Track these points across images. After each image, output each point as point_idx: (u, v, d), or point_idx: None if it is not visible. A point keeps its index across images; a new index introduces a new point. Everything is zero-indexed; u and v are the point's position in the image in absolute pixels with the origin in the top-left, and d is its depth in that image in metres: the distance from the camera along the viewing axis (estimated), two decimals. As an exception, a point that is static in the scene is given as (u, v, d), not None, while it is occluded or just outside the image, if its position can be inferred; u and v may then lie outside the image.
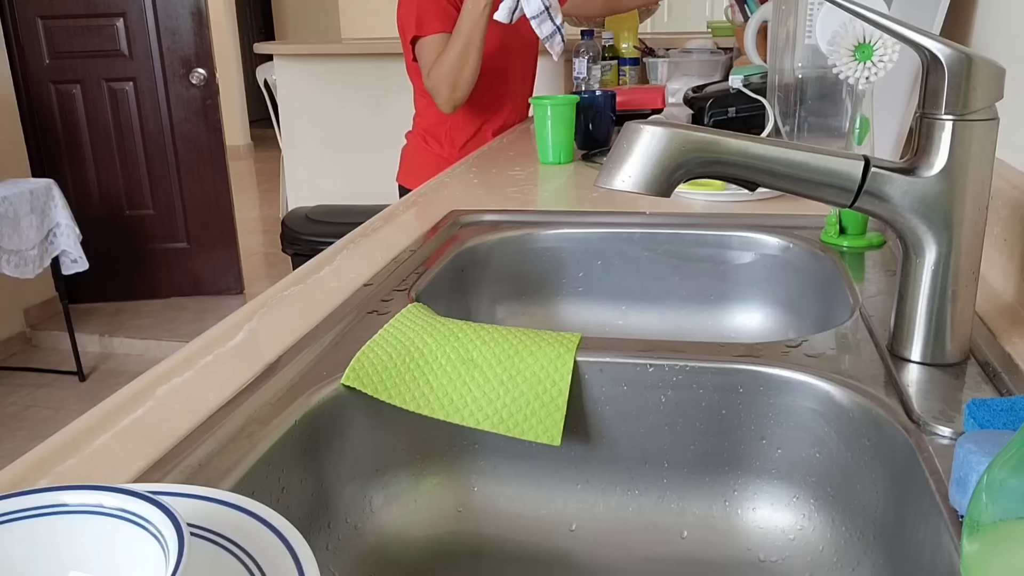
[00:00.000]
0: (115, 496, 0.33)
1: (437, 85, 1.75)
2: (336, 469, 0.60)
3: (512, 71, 1.93)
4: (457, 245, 0.95)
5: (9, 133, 3.45)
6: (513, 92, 1.96)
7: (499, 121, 1.95)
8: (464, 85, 1.73)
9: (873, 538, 0.55)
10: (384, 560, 0.61)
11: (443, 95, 1.76)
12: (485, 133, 1.94)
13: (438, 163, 1.85)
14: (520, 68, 1.97)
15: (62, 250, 2.92)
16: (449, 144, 1.93)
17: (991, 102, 0.53)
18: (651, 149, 0.53)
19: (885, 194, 0.55)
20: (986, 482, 0.29)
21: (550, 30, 1.63)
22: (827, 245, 0.88)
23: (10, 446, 2.69)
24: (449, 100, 1.76)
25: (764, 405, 0.61)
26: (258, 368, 0.61)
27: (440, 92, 1.76)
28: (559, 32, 1.65)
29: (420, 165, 1.94)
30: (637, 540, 0.63)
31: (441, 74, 1.73)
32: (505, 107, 1.95)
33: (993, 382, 0.56)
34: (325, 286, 0.80)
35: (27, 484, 0.47)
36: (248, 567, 0.34)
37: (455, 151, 1.92)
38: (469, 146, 1.91)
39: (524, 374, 0.61)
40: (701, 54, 2.22)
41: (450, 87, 1.73)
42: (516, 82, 1.96)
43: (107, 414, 0.56)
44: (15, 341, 3.46)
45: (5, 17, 3.44)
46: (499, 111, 1.94)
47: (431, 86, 1.77)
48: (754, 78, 1.45)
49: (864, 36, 0.73)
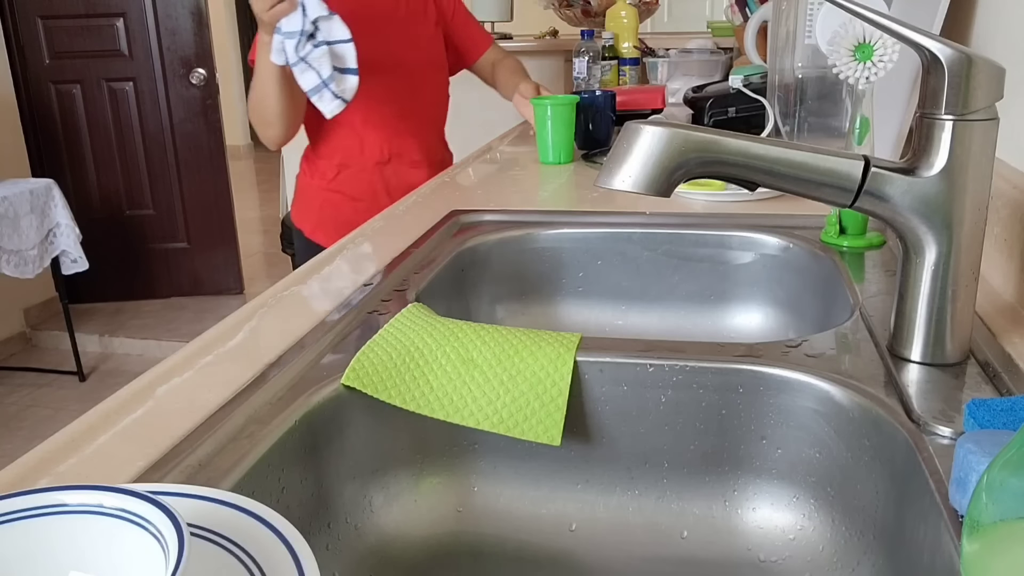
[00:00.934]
0: (115, 496, 0.33)
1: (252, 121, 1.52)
2: (336, 469, 0.60)
3: (384, 94, 1.57)
4: (457, 245, 0.95)
5: (9, 133, 3.45)
6: (397, 116, 1.61)
7: (381, 150, 1.61)
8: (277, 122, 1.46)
9: (873, 538, 0.55)
10: (384, 560, 0.61)
11: (260, 131, 1.52)
12: (363, 164, 1.62)
13: (317, 195, 1.65)
14: (401, 90, 1.60)
15: (62, 250, 2.92)
16: (320, 175, 1.65)
17: (991, 102, 0.53)
18: (651, 149, 0.53)
19: (885, 194, 0.55)
20: (986, 482, 0.29)
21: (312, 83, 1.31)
22: (827, 245, 0.88)
23: (10, 446, 2.69)
24: (266, 137, 1.52)
25: (764, 405, 0.61)
26: (258, 368, 0.61)
27: (257, 128, 1.52)
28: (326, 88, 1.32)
29: (301, 193, 1.71)
30: (637, 540, 0.63)
31: (251, 111, 1.51)
32: (384, 134, 1.60)
33: (993, 382, 0.56)
34: (325, 286, 0.80)
35: (27, 484, 0.47)
36: (248, 567, 0.34)
37: (324, 183, 1.64)
38: (344, 179, 1.62)
39: (524, 374, 0.61)
40: (701, 54, 2.22)
41: (260, 123, 1.49)
42: (397, 104, 1.60)
43: (107, 414, 0.56)
44: (15, 341, 3.46)
45: (5, 17, 3.44)
46: (374, 141, 1.60)
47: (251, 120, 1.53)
48: (754, 78, 1.45)
49: (864, 36, 0.73)
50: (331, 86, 1.31)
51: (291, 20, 1.27)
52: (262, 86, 1.42)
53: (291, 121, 1.50)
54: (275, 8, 1.26)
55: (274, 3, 1.26)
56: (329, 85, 1.31)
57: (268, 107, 1.43)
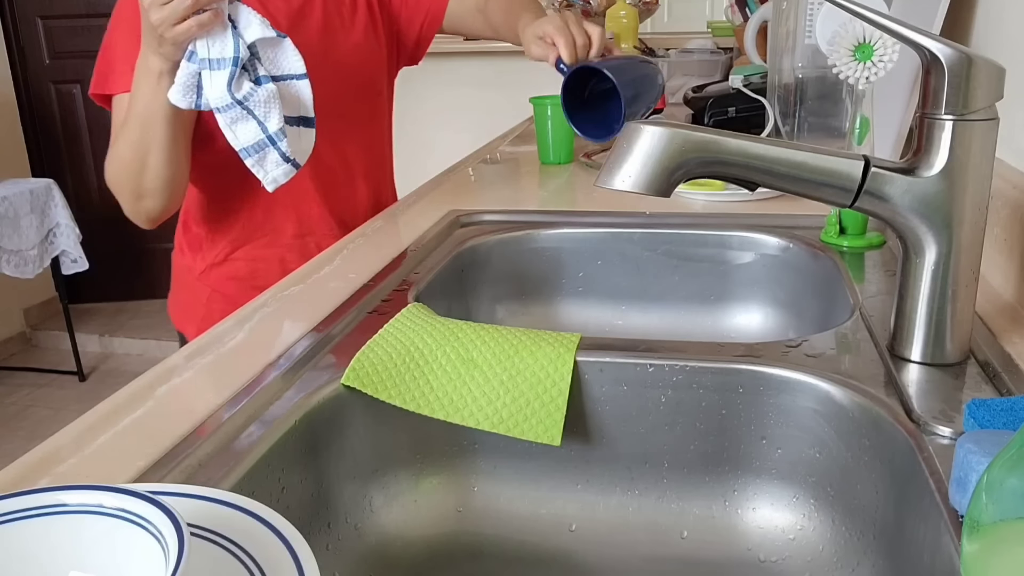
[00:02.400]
0: (115, 496, 0.33)
1: (115, 187, 1.02)
2: (336, 469, 0.60)
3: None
4: (457, 245, 0.95)
5: (9, 133, 3.46)
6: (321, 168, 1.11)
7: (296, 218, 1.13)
8: (160, 192, 1.00)
9: (873, 538, 0.55)
10: (384, 560, 0.61)
11: (126, 204, 1.03)
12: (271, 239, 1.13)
13: (203, 285, 1.15)
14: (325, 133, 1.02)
15: (62, 250, 2.93)
16: (205, 255, 1.15)
17: (991, 102, 0.53)
18: (651, 149, 0.53)
19: (885, 194, 0.55)
20: (986, 482, 0.29)
21: (251, 139, 0.90)
22: (827, 245, 0.88)
23: (10, 446, 2.69)
24: (137, 212, 1.03)
25: (764, 405, 0.61)
26: (258, 368, 0.61)
27: (122, 197, 1.02)
28: (273, 146, 0.90)
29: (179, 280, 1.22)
30: (637, 540, 0.63)
31: (116, 173, 1.01)
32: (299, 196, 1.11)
33: (993, 382, 0.56)
34: (325, 286, 0.80)
35: (27, 484, 0.47)
36: (248, 567, 0.34)
37: (213, 267, 1.14)
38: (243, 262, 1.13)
39: (524, 374, 0.61)
40: (701, 54, 2.22)
41: (130, 192, 1.00)
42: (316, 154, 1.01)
43: (107, 414, 0.56)
44: (15, 341, 3.46)
45: (5, 17, 3.44)
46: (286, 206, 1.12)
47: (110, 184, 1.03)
48: (754, 78, 1.45)
49: (864, 36, 0.73)
50: (280, 144, 0.90)
51: (216, 42, 0.86)
52: (141, 138, 0.95)
53: (177, 188, 1.02)
54: (185, 23, 0.83)
55: (183, 13, 0.83)
56: (278, 143, 0.90)
57: (149, 169, 0.97)
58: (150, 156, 0.96)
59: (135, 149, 0.96)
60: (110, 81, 1.01)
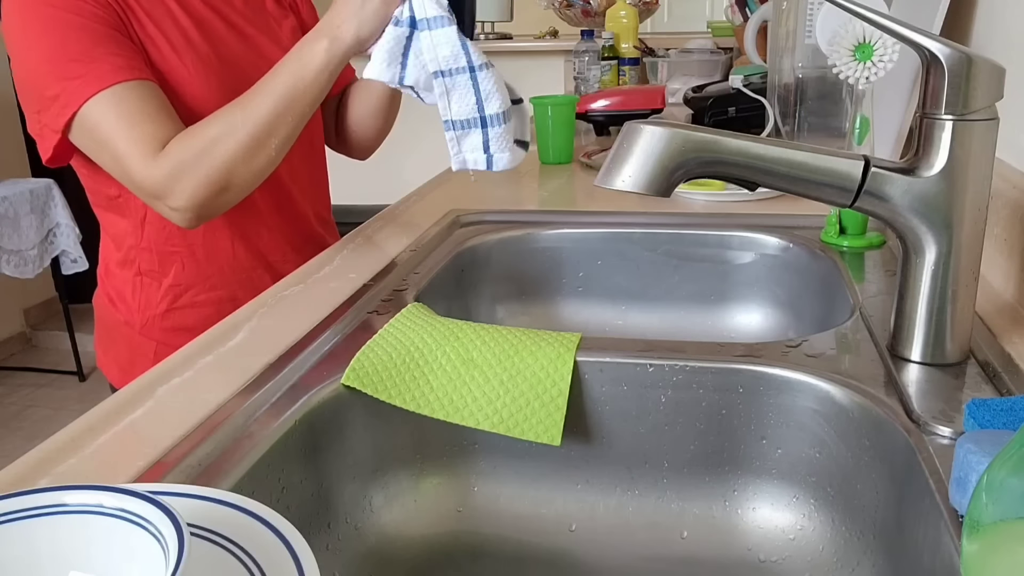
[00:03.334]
0: (115, 496, 0.33)
1: (191, 176, 0.86)
2: (336, 469, 0.60)
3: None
4: (457, 245, 0.95)
5: (9, 133, 3.45)
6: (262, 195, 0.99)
7: (247, 244, 1.01)
8: (250, 182, 0.90)
9: (873, 538, 0.55)
10: (384, 560, 0.61)
11: (199, 196, 0.87)
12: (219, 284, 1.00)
13: (137, 345, 1.00)
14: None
15: (62, 250, 2.93)
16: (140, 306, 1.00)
17: (991, 102, 0.53)
18: (651, 149, 0.53)
19: (885, 194, 0.55)
20: (986, 482, 0.29)
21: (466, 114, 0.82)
22: (827, 245, 0.88)
23: (10, 446, 2.69)
24: (203, 205, 0.88)
25: (764, 405, 0.61)
26: (258, 368, 0.61)
27: (196, 190, 0.87)
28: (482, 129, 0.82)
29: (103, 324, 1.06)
30: (637, 540, 0.63)
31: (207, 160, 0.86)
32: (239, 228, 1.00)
33: (993, 382, 0.56)
34: (325, 286, 0.80)
35: (27, 484, 0.47)
36: (248, 567, 0.34)
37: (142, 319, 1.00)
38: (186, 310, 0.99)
39: (524, 374, 0.61)
40: (701, 54, 2.22)
41: (217, 185, 0.87)
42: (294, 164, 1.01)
43: (107, 414, 0.56)
44: (15, 341, 3.46)
45: (5, 17, 3.44)
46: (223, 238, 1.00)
47: (171, 176, 0.86)
48: (754, 78, 1.45)
49: (864, 36, 0.73)
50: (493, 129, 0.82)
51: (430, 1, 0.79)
52: (271, 119, 0.85)
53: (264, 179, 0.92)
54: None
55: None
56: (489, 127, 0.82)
57: (263, 153, 0.87)
58: (273, 138, 0.87)
59: (258, 129, 0.86)
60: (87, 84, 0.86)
